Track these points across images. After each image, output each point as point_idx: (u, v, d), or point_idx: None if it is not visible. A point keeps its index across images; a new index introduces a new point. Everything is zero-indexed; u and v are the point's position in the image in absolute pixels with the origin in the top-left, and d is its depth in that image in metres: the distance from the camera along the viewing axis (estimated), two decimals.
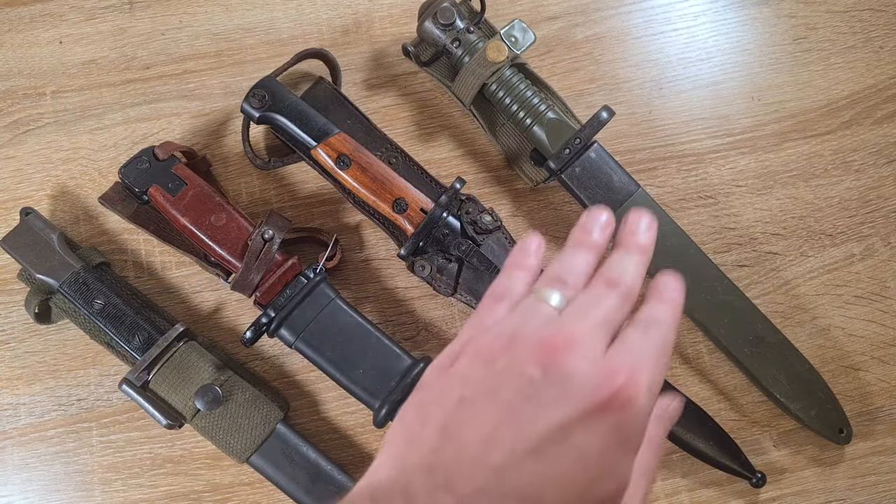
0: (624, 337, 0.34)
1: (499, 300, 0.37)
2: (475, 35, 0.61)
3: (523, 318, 0.34)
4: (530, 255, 0.39)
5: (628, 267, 0.37)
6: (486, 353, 0.33)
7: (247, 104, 0.59)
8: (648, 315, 0.35)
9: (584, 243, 0.38)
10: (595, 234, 0.38)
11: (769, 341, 0.59)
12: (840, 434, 0.59)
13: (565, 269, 0.37)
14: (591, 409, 0.30)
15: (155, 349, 0.55)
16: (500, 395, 0.31)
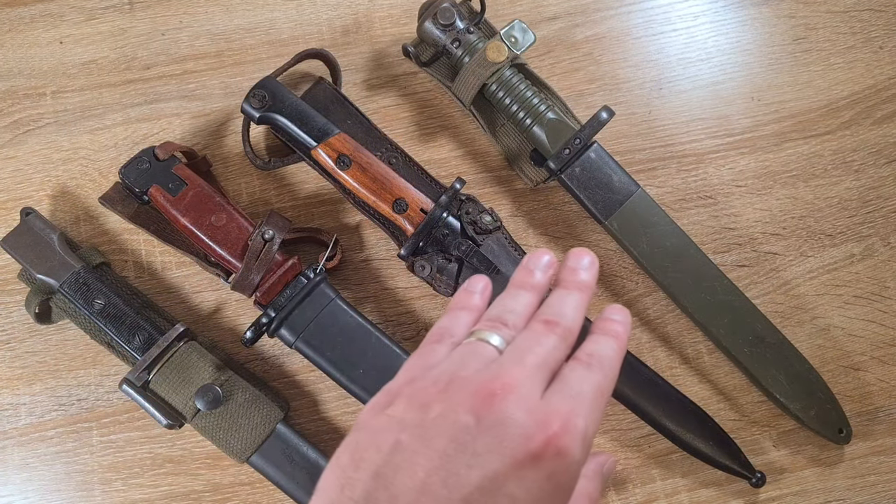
0: (563, 377, 0.34)
1: (440, 340, 0.37)
2: (475, 35, 0.61)
3: (462, 361, 0.34)
4: (475, 295, 0.39)
5: (567, 306, 0.36)
6: (422, 397, 0.33)
7: (247, 104, 0.59)
8: (592, 349, 0.35)
9: (525, 284, 0.38)
10: (537, 275, 0.38)
11: (769, 341, 0.59)
12: (839, 434, 0.59)
13: (506, 310, 0.37)
14: (525, 459, 0.30)
15: (155, 349, 0.55)
16: (434, 443, 0.31)
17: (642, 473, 0.60)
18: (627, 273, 0.63)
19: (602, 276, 0.63)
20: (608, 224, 0.59)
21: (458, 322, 0.38)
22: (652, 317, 0.62)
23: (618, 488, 0.59)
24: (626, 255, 0.63)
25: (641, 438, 0.60)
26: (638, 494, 0.59)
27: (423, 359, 0.36)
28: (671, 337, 0.62)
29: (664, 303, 0.63)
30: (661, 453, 0.60)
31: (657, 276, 0.59)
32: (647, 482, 0.59)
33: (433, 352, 0.36)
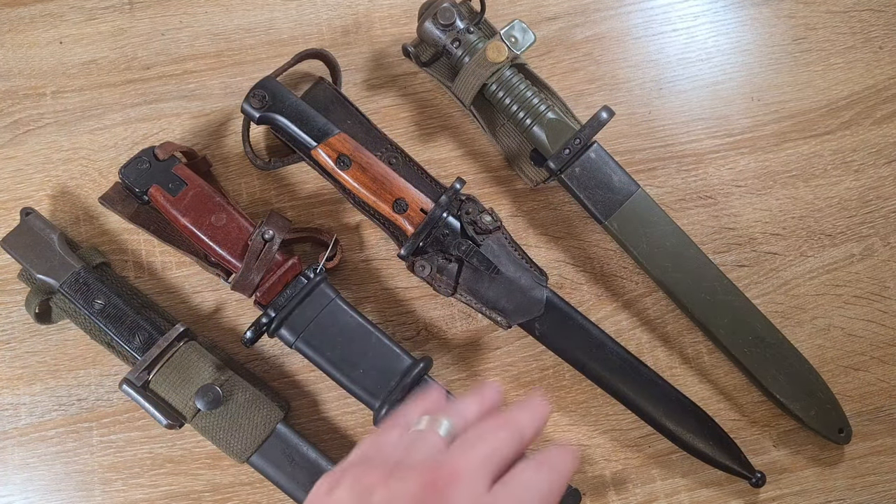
0: (513, 474, 0.33)
1: (394, 426, 0.37)
2: (475, 35, 0.61)
3: (410, 445, 0.34)
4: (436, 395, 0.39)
5: (524, 415, 0.36)
6: (365, 482, 0.32)
7: (247, 104, 0.59)
8: (546, 456, 0.35)
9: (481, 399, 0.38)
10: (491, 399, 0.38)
11: (769, 341, 0.59)
12: (839, 434, 0.59)
13: (462, 405, 0.37)
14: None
15: (155, 349, 0.55)
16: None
17: (642, 473, 0.60)
18: (627, 273, 0.63)
19: (602, 277, 0.63)
20: (608, 224, 0.59)
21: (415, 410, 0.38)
22: (652, 317, 0.62)
23: (618, 488, 0.59)
24: (626, 256, 0.63)
25: (641, 438, 0.60)
26: (638, 494, 0.59)
27: (376, 441, 0.36)
28: (671, 337, 0.62)
29: (664, 303, 0.63)
30: (661, 453, 0.60)
31: (657, 276, 0.59)
32: (648, 482, 0.59)
33: (386, 435, 0.36)
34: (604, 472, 0.60)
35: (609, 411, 0.60)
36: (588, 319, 0.59)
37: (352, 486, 0.33)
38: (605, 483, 0.59)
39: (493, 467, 0.33)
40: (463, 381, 0.61)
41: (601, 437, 0.60)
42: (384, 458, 0.34)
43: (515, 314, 0.58)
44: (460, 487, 0.31)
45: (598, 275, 0.63)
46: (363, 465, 0.34)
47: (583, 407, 0.61)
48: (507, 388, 0.61)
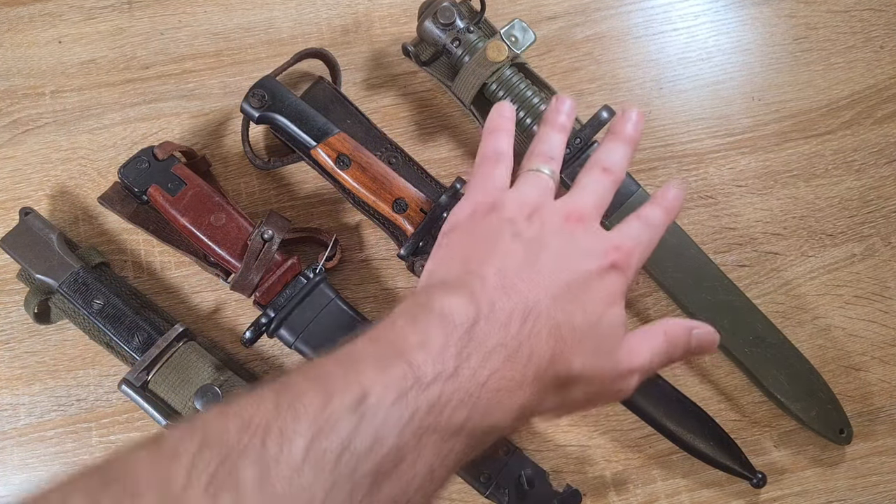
0: (629, 223, 0.44)
1: (497, 162, 0.45)
2: (475, 35, 0.61)
3: (532, 188, 0.43)
4: (506, 119, 0.48)
5: (618, 156, 0.46)
6: (525, 208, 0.41)
7: (246, 104, 0.58)
8: (649, 214, 0.44)
9: (556, 125, 0.47)
10: (563, 119, 0.47)
11: (769, 341, 0.59)
12: (840, 434, 0.59)
13: (549, 148, 0.46)
14: (602, 267, 0.40)
15: (154, 349, 0.55)
16: (547, 243, 0.40)
17: (643, 474, 0.59)
18: None
19: None
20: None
21: (503, 143, 0.46)
22: (652, 317, 0.62)
23: (618, 489, 0.59)
24: None
25: (642, 439, 0.60)
26: (639, 495, 0.59)
27: (492, 180, 0.44)
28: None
29: (664, 303, 0.62)
30: (661, 454, 0.60)
31: (658, 276, 0.59)
32: (648, 482, 0.59)
33: (498, 173, 0.45)
34: (604, 473, 0.59)
35: (609, 412, 0.60)
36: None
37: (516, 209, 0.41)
38: (605, 483, 0.59)
39: (603, 208, 0.44)
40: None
41: (601, 438, 0.60)
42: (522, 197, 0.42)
43: None
44: (588, 225, 0.41)
45: None
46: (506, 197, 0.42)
47: None
48: None
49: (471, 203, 0.43)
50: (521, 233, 0.40)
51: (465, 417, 0.33)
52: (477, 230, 0.41)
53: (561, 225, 0.41)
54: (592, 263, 0.39)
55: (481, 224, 0.41)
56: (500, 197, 0.42)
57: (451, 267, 0.40)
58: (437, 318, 0.34)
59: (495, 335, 0.34)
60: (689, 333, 0.43)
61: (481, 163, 0.45)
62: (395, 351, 0.33)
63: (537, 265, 0.38)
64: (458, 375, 0.33)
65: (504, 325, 0.35)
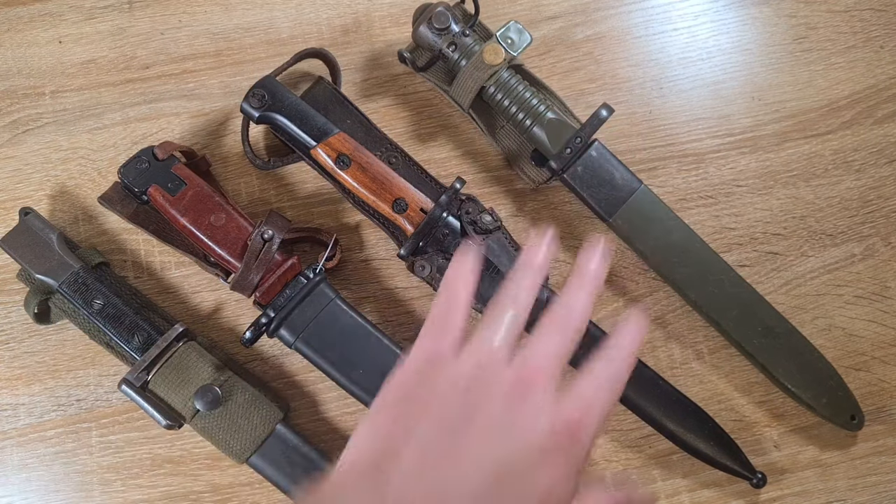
0: (583, 375, 0.38)
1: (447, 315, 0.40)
2: (471, 38, 0.61)
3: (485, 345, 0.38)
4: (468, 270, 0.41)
5: (580, 302, 0.40)
6: (474, 368, 0.37)
7: (246, 104, 0.58)
8: (609, 352, 0.39)
9: (529, 266, 0.41)
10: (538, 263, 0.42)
11: (778, 331, 0.59)
12: (852, 421, 0.59)
13: (514, 295, 0.40)
14: (547, 446, 0.35)
15: (154, 349, 0.55)
16: (486, 418, 0.35)
17: (643, 474, 0.59)
18: (628, 273, 0.63)
19: None
20: (613, 222, 0.59)
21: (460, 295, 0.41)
22: (653, 317, 0.62)
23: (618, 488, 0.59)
24: (626, 256, 0.63)
25: (642, 439, 0.60)
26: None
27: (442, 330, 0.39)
28: (672, 337, 0.62)
29: (665, 303, 0.62)
30: (661, 454, 0.60)
31: (664, 272, 0.59)
32: (648, 482, 0.59)
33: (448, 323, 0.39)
34: (604, 473, 0.59)
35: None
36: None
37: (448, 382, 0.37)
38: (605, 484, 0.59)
39: (563, 364, 0.38)
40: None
41: (601, 438, 0.60)
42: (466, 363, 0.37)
43: None
44: (541, 389, 0.36)
45: None
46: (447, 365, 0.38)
47: None
48: None
49: (415, 360, 0.39)
50: (459, 402, 0.36)
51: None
52: (412, 396, 0.37)
53: (508, 391, 0.36)
54: (532, 446, 0.34)
55: (418, 388, 0.37)
56: (446, 354, 0.38)
57: (372, 445, 0.35)
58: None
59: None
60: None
61: (434, 313, 0.40)
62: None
63: (464, 446, 0.34)
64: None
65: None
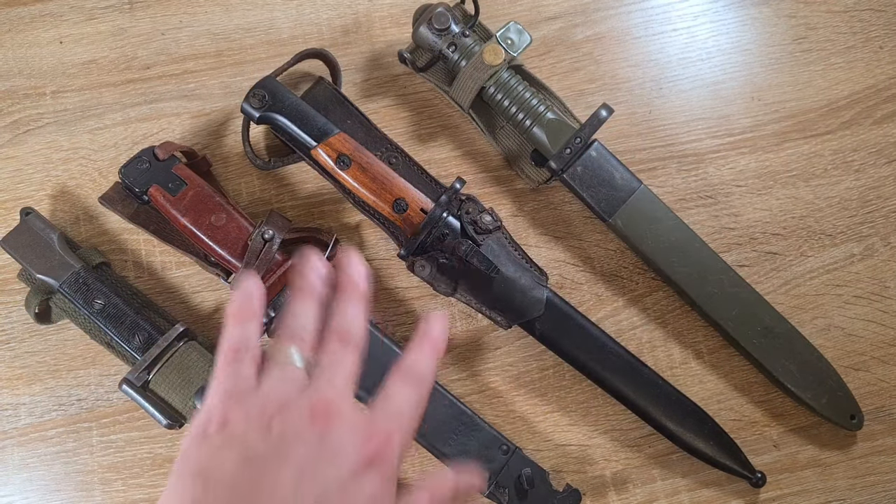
0: (389, 392, 0.38)
1: (239, 358, 0.39)
2: (471, 39, 0.61)
3: (279, 384, 0.37)
4: (254, 301, 0.41)
5: (355, 317, 0.40)
6: (259, 418, 0.36)
7: (247, 104, 0.59)
8: (409, 365, 0.40)
9: (307, 294, 0.41)
10: (317, 286, 0.42)
11: (777, 331, 0.59)
12: (851, 420, 0.59)
13: (299, 327, 0.40)
14: (357, 469, 0.35)
15: (155, 349, 0.55)
16: (289, 458, 0.34)
17: (643, 473, 0.60)
18: (628, 273, 0.63)
19: (602, 277, 0.63)
20: (612, 222, 0.59)
21: (248, 332, 0.40)
22: (652, 317, 0.62)
23: (618, 488, 0.59)
24: (625, 256, 0.63)
25: (642, 439, 0.60)
26: (638, 494, 0.59)
27: (234, 381, 0.38)
28: (671, 337, 0.62)
29: (665, 302, 0.63)
30: (661, 453, 0.60)
31: (664, 272, 0.59)
32: (648, 482, 0.59)
33: (240, 372, 0.38)
34: (604, 473, 0.60)
35: (609, 411, 0.60)
36: (588, 319, 0.59)
37: (247, 422, 0.36)
38: (605, 483, 0.59)
39: (352, 385, 0.39)
40: (463, 382, 0.61)
41: (601, 438, 0.60)
42: (263, 399, 0.37)
43: (515, 314, 0.58)
44: (338, 417, 0.36)
45: (598, 275, 0.63)
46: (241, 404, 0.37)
47: (583, 407, 0.61)
48: (507, 388, 0.61)
49: (204, 416, 0.37)
50: (256, 455, 0.35)
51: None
52: (206, 462, 0.35)
53: (306, 427, 0.35)
54: (344, 468, 0.35)
55: (210, 451, 0.36)
56: (235, 407, 0.37)
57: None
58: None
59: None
60: (455, 485, 0.40)
61: (221, 362, 0.39)
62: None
63: (278, 492, 0.33)
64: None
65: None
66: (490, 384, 0.61)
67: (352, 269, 0.42)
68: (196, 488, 0.34)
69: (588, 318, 0.59)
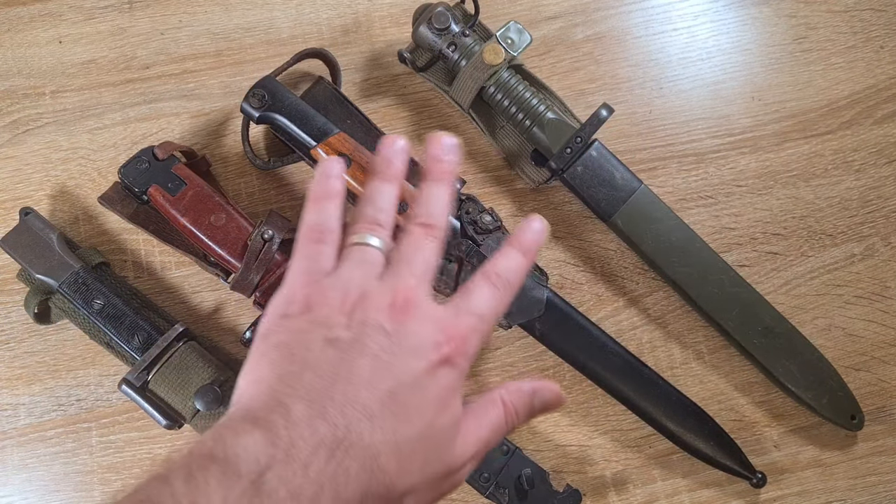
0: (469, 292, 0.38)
1: (319, 241, 0.39)
2: (471, 38, 0.61)
3: (359, 268, 0.38)
4: (333, 179, 0.42)
5: (439, 203, 0.41)
6: (341, 305, 0.36)
7: (246, 104, 0.58)
8: (500, 269, 0.39)
9: (386, 176, 0.42)
10: (396, 165, 0.42)
11: (777, 332, 0.59)
12: (852, 420, 0.59)
13: (376, 209, 0.41)
14: (432, 365, 0.35)
15: (154, 349, 0.55)
16: (367, 346, 0.35)
17: (643, 474, 0.59)
18: (628, 273, 0.63)
19: (603, 277, 0.63)
20: (613, 222, 0.59)
21: (328, 215, 0.40)
22: (652, 317, 0.62)
23: (618, 489, 0.59)
24: (625, 256, 0.63)
25: (642, 439, 0.60)
26: (639, 495, 0.59)
27: (314, 262, 0.39)
28: (671, 337, 0.62)
29: (664, 303, 0.62)
30: (661, 454, 0.60)
31: (665, 272, 0.59)
32: (648, 482, 0.59)
33: (321, 254, 0.39)
34: (604, 473, 0.59)
35: (609, 412, 0.60)
36: (588, 320, 0.59)
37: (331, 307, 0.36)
38: (605, 483, 0.59)
39: (431, 274, 0.39)
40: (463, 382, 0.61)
41: (602, 438, 0.60)
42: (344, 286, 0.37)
43: (516, 314, 0.58)
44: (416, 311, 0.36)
45: (598, 275, 0.63)
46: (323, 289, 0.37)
47: (583, 407, 0.61)
48: None
49: (285, 298, 0.38)
50: (338, 337, 0.35)
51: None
52: (289, 338, 0.36)
53: (385, 318, 0.36)
54: (420, 363, 0.35)
55: (294, 329, 0.36)
56: (318, 287, 0.37)
57: (259, 390, 0.35)
58: (220, 468, 0.30)
59: (291, 481, 0.30)
60: (532, 396, 0.40)
61: (301, 242, 0.40)
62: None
63: (354, 378, 0.34)
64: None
65: (304, 467, 0.31)
66: (490, 384, 0.61)
67: (436, 147, 0.41)
68: (282, 359, 0.35)
69: (588, 318, 0.59)
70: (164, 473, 0.29)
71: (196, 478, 0.29)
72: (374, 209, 0.41)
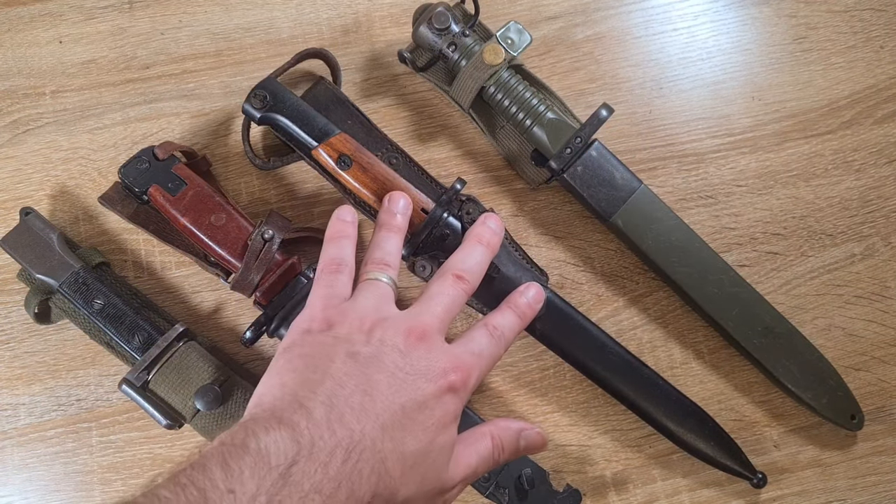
0: (472, 337, 0.44)
1: (337, 271, 0.46)
2: (471, 38, 0.61)
3: (371, 297, 0.44)
4: (348, 224, 0.49)
5: (479, 262, 0.47)
6: (360, 325, 0.41)
7: (248, 105, 0.58)
8: (500, 323, 0.46)
9: (391, 228, 0.49)
10: (398, 219, 0.50)
11: (777, 331, 0.59)
12: (852, 420, 0.59)
13: (384, 254, 0.47)
14: (440, 390, 0.40)
15: (155, 349, 0.55)
16: (384, 363, 0.39)
17: (643, 474, 0.60)
18: (628, 273, 0.63)
19: (603, 277, 0.63)
20: (613, 222, 0.59)
21: (344, 251, 0.47)
22: (652, 317, 0.62)
23: (618, 489, 0.59)
24: (625, 256, 0.63)
25: (642, 439, 0.60)
26: (639, 495, 0.59)
27: (332, 288, 0.44)
28: (671, 337, 0.62)
29: (665, 303, 0.62)
30: (661, 454, 0.60)
31: (665, 272, 0.59)
32: (648, 482, 0.59)
33: (338, 282, 0.45)
34: (604, 473, 0.59)
35: (610, 412, 0.60)
36: (589, 319, 0.59)
37: (351, 325, 0.41)
38: (605, 483, 0.59)
39: (449, 319, 0.44)
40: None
41: (602, 438, 0.60)
42: (361, 309, 0.43)
43: None
44: (430, 341, 0.41)
45: (598, 275, 0.63)
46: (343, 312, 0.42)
47: (583, 407, 0.61)
48: (507, 388, 0.61)
49: (308, 318, 0.43)
50: (358, 352, 0.39)
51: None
52: (312, 350, 0.40)
53: (401, 342, 0.40)
54: (429, 387, 0.39)
55: (317, 343, 0.40)
56: (338, 310, 0.42)
57: (282, 392, 0.38)
58: (252, 459, 0.33)
59: (313, 476, 0.33)
60: (518, 436, 0.45)
61: (321, 272, 0.46)
62: (203, 501, 0.31)
63: (371, 390, 0.38)
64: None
65: (324, 465, 0.34)
66: (490, 384, 0.61)
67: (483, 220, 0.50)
68: (305, 368, 0.39)
69: (588, 318, 0.59)
70: (201, 461, 0.32)
71: (231, 466, 0.32)
72: (382, 253, 0.47)
